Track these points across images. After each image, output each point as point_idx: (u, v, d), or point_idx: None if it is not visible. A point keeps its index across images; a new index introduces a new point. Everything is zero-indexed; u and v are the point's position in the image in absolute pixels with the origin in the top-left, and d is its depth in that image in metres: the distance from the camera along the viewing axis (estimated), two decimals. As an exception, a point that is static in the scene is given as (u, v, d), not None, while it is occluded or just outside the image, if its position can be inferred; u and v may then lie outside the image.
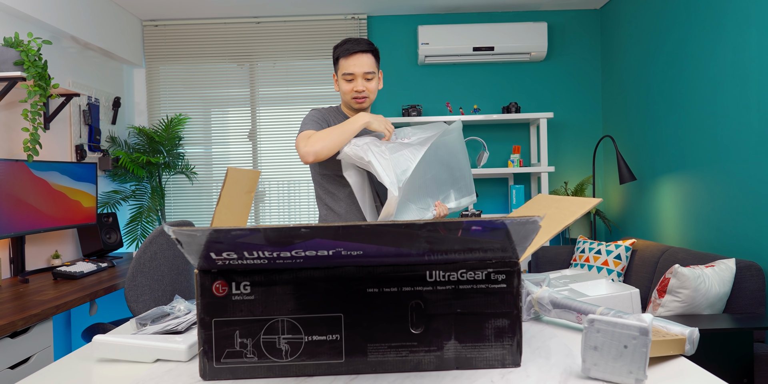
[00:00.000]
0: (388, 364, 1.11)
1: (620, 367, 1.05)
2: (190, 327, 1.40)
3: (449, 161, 1.92)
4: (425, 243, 1.02)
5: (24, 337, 1.95)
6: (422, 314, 1.10)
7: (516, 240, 1.03)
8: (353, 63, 1.89)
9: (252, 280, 1.09)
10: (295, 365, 1.10)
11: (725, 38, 2.66)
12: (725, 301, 2.25)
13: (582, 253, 3.20)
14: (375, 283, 1.09)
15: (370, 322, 1.10)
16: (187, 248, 0.99)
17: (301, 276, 1.09)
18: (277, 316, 1.10)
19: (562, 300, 1.46)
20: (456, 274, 1.11)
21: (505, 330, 1.13)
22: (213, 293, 1.09)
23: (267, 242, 0.99)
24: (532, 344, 1.31)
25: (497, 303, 1.11)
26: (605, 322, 1.07)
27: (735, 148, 2.60)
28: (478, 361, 1.14)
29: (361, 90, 1.91)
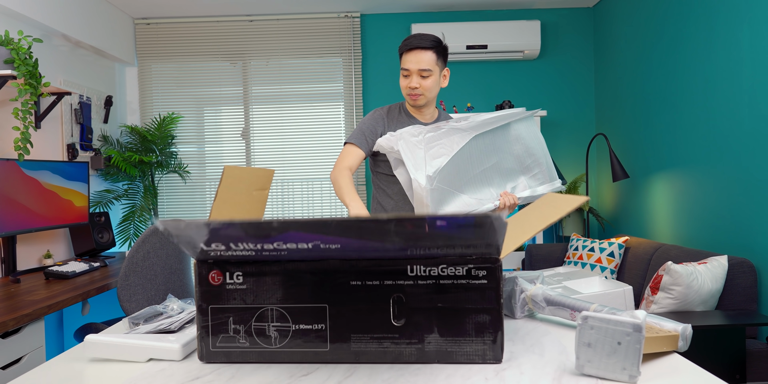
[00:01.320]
0: (371, 354, 1.15)
1: (614, 363, 1.05)
2: (183, 326, 1.39)
3: (516, 148, 1.84)
4: (397, 237, 1.04)
5: (15, 338, 1.94)
6: (404, 307, 1.14)
7: (488, 235, 1.04)
8: (410, 59, 1.87)
9: (243, 270, 1.16)
10: (283, 352, 1.17)
11: (718, 36, 2.67)
12: (718, 297, 2.26)
13: (575, 251, 3.21)
14: (358, 276, 1.13)
15: (353, 313, 1.14)
16: (177, 239, 1.06)
17: (288, 267, 1.15)
18: (267, 304, 1.16)
19: (556, 297, 1.46)
20: (437, 269, 1.13)
21: (486, 326, 1.14)
22: (209, 282, 1.17)
23: (246, 234, 1.05)
24: (526, 341, 1.31)
25: (478, 299, 1.13)
26: (599, 319, 1.07)
27: (727, 145, 2.61)
28: (458, 355, 1.15)
29: (414, 87, 1.88)
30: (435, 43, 1.87)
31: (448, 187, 1.77)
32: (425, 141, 1.79)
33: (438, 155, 1.74)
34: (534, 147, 1.87)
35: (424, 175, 1.72)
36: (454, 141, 1.78)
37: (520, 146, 1.86)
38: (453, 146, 1.77)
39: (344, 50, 4.21)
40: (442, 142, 1.77)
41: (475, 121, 1.82)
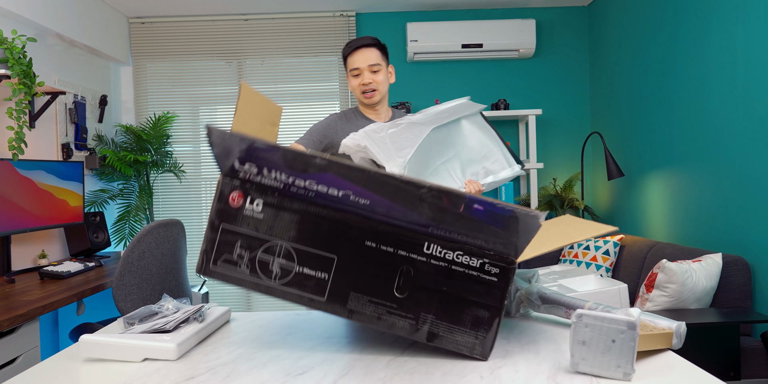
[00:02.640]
0: (364, 316, 1.16)
1: (608, 361, 1.05)
2: (178, 325, 1.39)
3: (470, 140, 1.91)
4: (427, 209, 1.07)
5: (10, 338, 1.93)
6: (410, 281, 1.13)
7: (515, 233, 1.05)
8: (357, 58, 1.94)
9: (266, 199, 1.15)
10: (280, 290, 1.17)
11: (712, 35, 2.68)
12: (712, 295, 2.27)
13: (571, 249, 3.21)
14: (375, 237, 1.13)
15: (359, 272, 1.14)
16: (214, 148, 1.08)
17: (310, 210, 1.14)
18: (278, 240, 1.16)
19: (551, 295, 1.47)
20: (452, 254, 1.13)
21: (483, 321, 1.14)
22: (228, 201, 1.16)
23: (285, 163, 1.07)
24: (521, 340, 1.32)
25: (483, 293, 1.13)
26: (593, 317, 1.07)
27: (721, 144, 2.62)
28: (448, 341, 1.16)
29: (367, 82, 1.93)
30: (376, 41, 1.97)
31: (417, 178, 1.80)
32: (389, 136, 1.83)
33: (403, 147, 1.79)
34: (485, 137, 1.93)
35: (395, 165, 1.76)
36: (416, 134, 1.83)
37: (473, 138, 1.93)
38: (416, 139, 1.82)
39: (340, 49, 4.21)
40: (405, 136, 1.81)
41: (429, 114, 1.88)
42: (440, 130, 1.87)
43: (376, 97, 1.97)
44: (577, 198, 3.78)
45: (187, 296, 2.56)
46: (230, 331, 1.48)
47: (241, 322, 1.57)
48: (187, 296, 2.57)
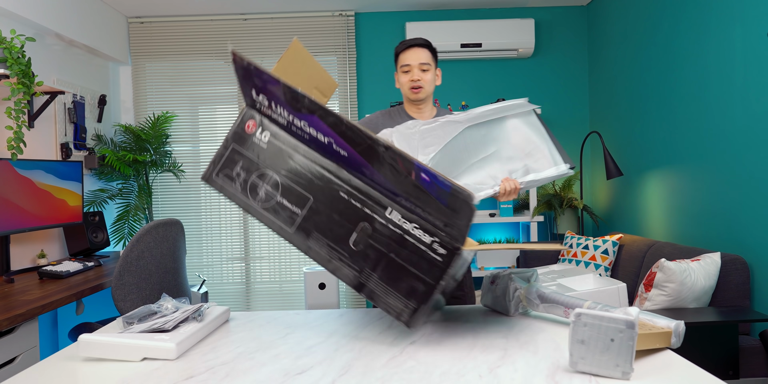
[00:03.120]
0: (319, 256, 1.30)
1: (607, 360, 1.06)
2: (177, 325, 1.39)
3: (515, 137, 1.93)
4: (386, 169, 1.20)
5: (9, 338, 1.93)
6: (366, 238, 1.25)
7: (456, 213, 1.16)
8: (410, 56, 2.04)
9: (272, 133, 1.35)
10: (258, 212, 1.35)
11: (710, 34, 2.68)
12: (711, 294, 2.27)
13: (570, 249, 3.22)
14: (348, 190, 1.28)
15: (326, 217, 1.29)
16: (239, 76, 1.30)
17: (301, 150, 1.33)
18: (271, 170, 1.35)
19: (550, 295, 1.47)
20: (409, 225, 1.23)
21: (417, 293, 1.21)
22: (244, 127, 1.38)
23: (284, 98, 1.25)
24: (520, 339, 1.32)
25: (425, 269, 1.20)
26: (592, 316, 1.08)
27: (720, 143, 2.62)
28: (380, 301, 1.24)
29: (416, 79, 2.03)
30: (428, 42, 2.07)
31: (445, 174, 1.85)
32: (419, 133, 1.92)
33: (430, 144, 1.88)
34: (533, 134, 1.93)
35: None
36: (447, 132, 1.89)
37: (518, 135, 1.93)
38: (446, 136, 1.88)
39: (339, 49, 4.21)
40: (436, 133, 1.89)
41: (473, 113, 1.91)
42: (479, 128, 1.91)
43: (422, 94, 2.06)
44: (576, 197, 3.78)
45: (186, 296, 2.56)
46: (229, 330, 1.48)
47: (240, 321, 1.57)
48: (187, 296, 2.57)
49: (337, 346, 1.30)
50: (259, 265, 4.28)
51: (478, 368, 1.13)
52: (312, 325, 1.51)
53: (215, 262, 4.28)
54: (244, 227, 4.26)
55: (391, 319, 1.54)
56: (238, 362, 1.21)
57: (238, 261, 4.28)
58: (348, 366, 1.16)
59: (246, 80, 1.32)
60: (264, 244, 4.27)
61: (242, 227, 4.26)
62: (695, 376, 1.06)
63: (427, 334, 1.38)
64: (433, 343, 1.30)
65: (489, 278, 1.61)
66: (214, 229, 4.27)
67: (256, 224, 4.27)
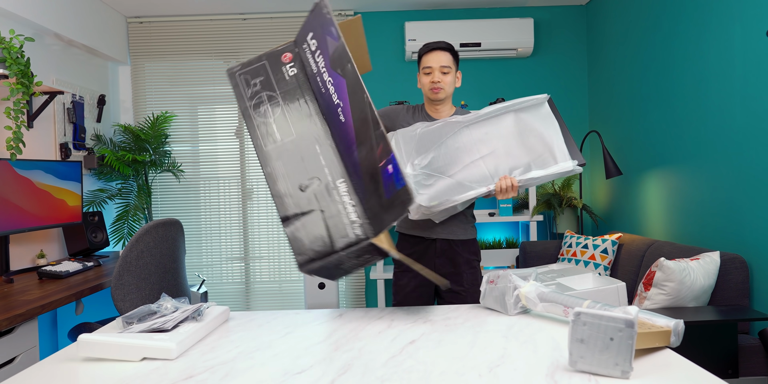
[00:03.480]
0: (271, 179, 1.54)
1: (606, 359, 1.06)
2: (177, 325, 1.39)
3: (518, 133, 1.95)
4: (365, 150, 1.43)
5: (9, 338, 1.93)
6: (312, 189, 1.50)
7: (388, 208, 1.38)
8: (431, 58, 2.13)
9: (296, 71, 1.60)
10: (251, 120, 1.58)
11: (710, 34, 2.68)
12: (710, 293, 2.27)
13: (569, 248, 3.22)
14: (323, 148, 1.53)
15: (295, 155, 1.55)
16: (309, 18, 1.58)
17: (315, 97, 1.57)
18: (279, 97, 1.58)
19: (549, 294, 1.47)
20: (347, 199, 1.48)
21: (317, 248, 1.46)
22: (282, 54, 1.63)
23: (332, 52, 1.50)
24: (520, 338, 1.32)
25: (334, 238, 1.45)
26: (591, 315, 1.08)
27: (719, 142, 2.62)
28: (296, 239, 1.48)
29: (437, 80, 2.12)
30: (451, 46, 2.17)
31: (437, 173, 1.98)
32: (418, 136, 2.03)
33: (425, 148, 2.00)
34: (540, 128, 1.93)
35: (408, 163, 1.99)
36: (444, 132, 2.00)
37: (522, 130, 1.95)
38: (441, 139, 1.99)
39: (338, 48, 4.21)
40: (434, 135, 2.00)
41: (481, 113, 1.98)
42: (480, 127, 1.98)
43: (441, 95, 2.15)
44: (575, 197, 3.78)
45: (185, 296, 2.56)
46: (229, 330, 1.48)
47: (240, 321, 1.57)
48: (186, 296, 2.57)
49: (337, 346, 1.30)
50: (259, 264, 4.28)
51: (477, 367, 1.13)
52: (311, 324, 1.51)
53: (215, 262, 4.28)
54: (243, 227, 4.26)
55: (391, 318, 1.54)
56: (238, 362, 1.21)
57: (238, 261, 4.28)
58: (347, 365, 1.16)
59: (312, 22, 1.54)
60: (263, 244, 4.27)
61: (242, 227, 4.26)
62: (695, 374, 1.06)
63: (426, 333, 1.38)
64: (433, 343, 1.30)
65: (488, 278, 1.61)
66: (214, 229, 4.27)
67: (255, 224, 4.27)
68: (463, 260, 2.17)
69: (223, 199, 4.27)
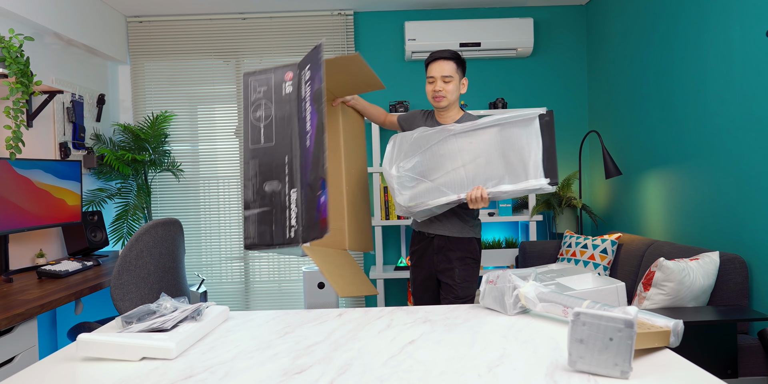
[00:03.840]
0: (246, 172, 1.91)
1: (606, 359, 1.06)
2: (176, 324, 1.39)
3: (504, 146, 2.05)
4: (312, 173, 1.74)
5: (8, 337, 1.93)
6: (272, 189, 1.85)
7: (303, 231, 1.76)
8: (434, 68, 2.26)
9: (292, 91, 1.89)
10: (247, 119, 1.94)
11: (709, 33, 2.68)
12: (709, 293, 2.27)
13: (569, 248, 3.22)
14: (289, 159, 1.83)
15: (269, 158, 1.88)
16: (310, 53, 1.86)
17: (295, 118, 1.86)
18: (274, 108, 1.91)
19: (549, 294, 1.47)
20: (294, 207, 1.79)
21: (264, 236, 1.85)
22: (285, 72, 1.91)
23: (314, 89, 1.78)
24: (519, 338, 1.32)
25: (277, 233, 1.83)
26: (591, 316, 1.08)
27: (719, 142, 2.62)
28: (250, 224, 1.88)
29: (438, 90, 2.25)
30: (455, 55, 2.27)
31: (420, 176, 2.15)
32: (413, 139, 2.19)
33: (414, 149, 2.17)
34: (523, 143, 2.03)
35: (394, 164, 2.19)
36: (433, 139, 2.14)
37: (508, 146, 2.05)
38: (429, 143, 2.15)
39: (337, 48, 4.21)
40: (424, 140, 2.16)
41: (475, 124, 2.10)
42: (466, 136, 2.10)
43: (444, 103, 2.28)
44: (575, 197, 3.78)
45: (185, 295, 2.56)
46: (228, 330, 1.48)
47: (239, 320, 1.57)
48: (185, 295, 2.56)
49: (336, 346, 1.30)
50: (258, 264, 4.28)
51: (477, 367, 1.13)
52: (311, 324, 1.51)
53: (214, 262, 4.28)
54: (243, 227, 4.25)
55: (391, 318, 1.54)
56: (237, 361, 1.21)
57: (237, 260, 4.28)
58: (347, 365, 1.16)
59: (311, 58, 1.81)
60: (263, 243, 4.26)
61: (241, 226, 4.26)
62: (694, 375, 1.06)
63: (426, 333, 1.38)
64: (432, 343, 1.30)
65: (488, 278, 1.61)
66: (213, 229, 4.27)
67: (255, 224, 4.26)
68: (456, 257, 2.32)
69: (223, 198, 4.27)
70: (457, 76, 2.28)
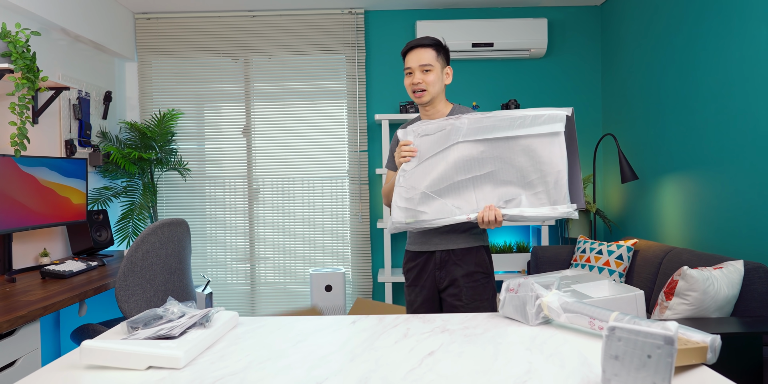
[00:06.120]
0: None
1: (643, 378, 0.99)
2: (184, 331, 1.32)
3: (521, 160, 1.74)
4: None
5: (9, 340, 1.87)
6: None
7: None
8: (411, 57, 1.95)
9: None
10: None
11: (734, 35, 2.61)
12: (733, 303, 2.20)
13: (583, 253, 3.14)
14: None
15: None
16: None
17: None
18: None
19: (573, 304, 1.40)
20: None
21: None
22: None
23: None
24: (545, 351, 1.25)
25: None
26: (627, 331, 1.01)
27: (742, 147, 2.55)
28: None
29: (417, 82, 1.93)
30: (434, 41, 1.96)
31: (424, 188, 1.79)
32: (420, 140, 1.84)
33: (427, 161, 1.81)
34: (546, 163, 1.73)
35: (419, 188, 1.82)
36: (439, 143, 1.80)
37: (527, 159, 1.74)
38: (434, 149, 1.80)
39: (348, 47, 4.15)
40: (430, 143, 1.81)
41: (480, 126, 1.77)
42: (477, 145, 1.76)
43: (425, 97, 1.96)
44: (588, 201, 3.71)
45: (192, 298, 2.50)
46: (238, 337, 1.42)
47: (249, 327, 1.51)
48: (192, 298, 2.51)
49: (352, 356, 1.24)
50: (264, 265, 4.22)
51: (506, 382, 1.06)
52: (324, 332, 1.45)
53: (220, 263, 4.22)
54: (249, 227, 4.20)
55: (407, 327, 1.47)
56: (249, 372, 1.14)
57: (243, 261, 4.22)
58: (365, 378, 1.09)
59: None
60: (269, 244, 4.20)
61: (248, 227, 4.20)
62: (737, 395, 1.00)
63: (445, 344, 1.32)
64: (453, 354, 1.23)
65: (508, 286, 1.54)
66: (219, 229, 4.21)
67: (261, 224, 4.21)
68: (463, 273, 1.96)
69: (229, 198, 4.21)
70: (439, 64, 1.94)
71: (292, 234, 4.20)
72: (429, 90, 1.94)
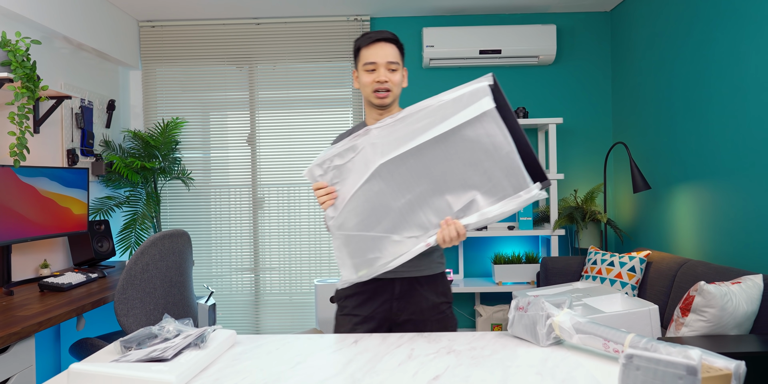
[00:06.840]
0: None
1: (665, 411, 0.92)
2: (179, 352, 1.27)
3: (464, 157, 1.45)
4: None
5: (3, 357, 1.82)
6: None
7: None
8: (375, 52, 1.69)
9: None
10: None
11: (750, 40, 2.54)
12: (753, 320, 2.11)
13: (594, 265, 3.06)
14: None
15: None
16: None
17: None
18: None
19: (587, 325, 1.33)
20: None
21: None
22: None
23: None
24: (557, 375, 1.18)
25: None
26: (647, 359, 0.94)
27: (759, 154, 2.47)
28: None
29: (383, 80, 1.68)
30: (396, 37, 1.74)
31: (363, 231, 1.50)
32: (331, 176, 1.53)
33: (340, 195, 1.52)
34: (490, 149, 1.43)
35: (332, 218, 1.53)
36: (358, 172, 1.49)
37: (466, 153, 1.44)
38: (353, 184, 1.50)
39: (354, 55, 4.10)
40: (346, 173, 1.51)
41: (405, 130, 1.47)
42: (408, 155, 1.46)
43: (389, 99, 1.71)
44: (599, 211, 3.63)
45: (193, 311, 2.44)
46: (235, 357, 1.35)
47: (247, 346, 1.45)
48: (193, 311, 2.45)
49: (353, 380, 1.17)
50: (269, 276, 4.16)
51: (513, 414, 0.99)
52: (324, 352, 1.38)
53: (224, 273, 4.16)
54: (254, 237, 4.14)
55: (411, 347, 1.41)
56: (243, 400, 1.08)
57: (248, 272, 4.16)
58: (366, 408, 1.03)
59: None
60: (274, 254, 4.15)
61: (252, 237, 4.15)
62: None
63: (452, 366, 1.25)
64: (460, 379, 1.17)
65: (517, 304, 1.47)
66: (224, 239, 4.16)
67: (266, 234, 4.15)
68: (429, 306, 1.73)
69: (234, 208, 4.16)
70: (401, 64, 1.73)
71: (297, 244, 4.14)
72: (393, 90, 1.71)
